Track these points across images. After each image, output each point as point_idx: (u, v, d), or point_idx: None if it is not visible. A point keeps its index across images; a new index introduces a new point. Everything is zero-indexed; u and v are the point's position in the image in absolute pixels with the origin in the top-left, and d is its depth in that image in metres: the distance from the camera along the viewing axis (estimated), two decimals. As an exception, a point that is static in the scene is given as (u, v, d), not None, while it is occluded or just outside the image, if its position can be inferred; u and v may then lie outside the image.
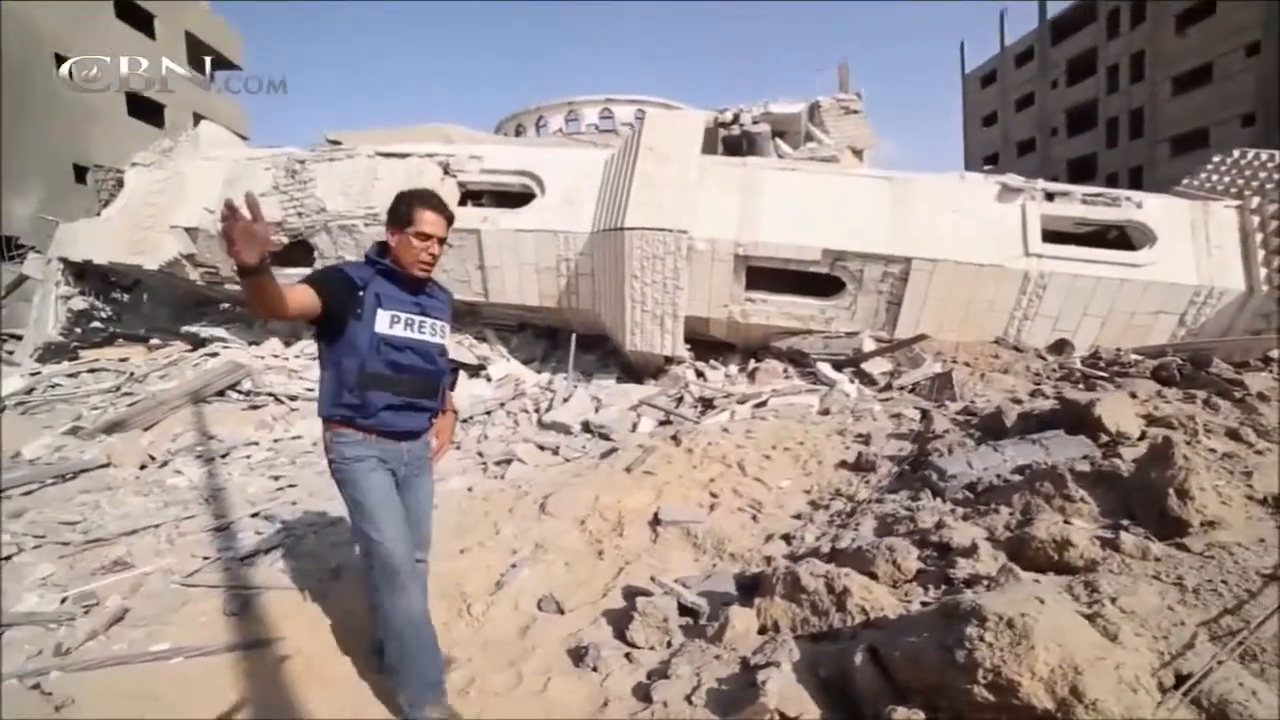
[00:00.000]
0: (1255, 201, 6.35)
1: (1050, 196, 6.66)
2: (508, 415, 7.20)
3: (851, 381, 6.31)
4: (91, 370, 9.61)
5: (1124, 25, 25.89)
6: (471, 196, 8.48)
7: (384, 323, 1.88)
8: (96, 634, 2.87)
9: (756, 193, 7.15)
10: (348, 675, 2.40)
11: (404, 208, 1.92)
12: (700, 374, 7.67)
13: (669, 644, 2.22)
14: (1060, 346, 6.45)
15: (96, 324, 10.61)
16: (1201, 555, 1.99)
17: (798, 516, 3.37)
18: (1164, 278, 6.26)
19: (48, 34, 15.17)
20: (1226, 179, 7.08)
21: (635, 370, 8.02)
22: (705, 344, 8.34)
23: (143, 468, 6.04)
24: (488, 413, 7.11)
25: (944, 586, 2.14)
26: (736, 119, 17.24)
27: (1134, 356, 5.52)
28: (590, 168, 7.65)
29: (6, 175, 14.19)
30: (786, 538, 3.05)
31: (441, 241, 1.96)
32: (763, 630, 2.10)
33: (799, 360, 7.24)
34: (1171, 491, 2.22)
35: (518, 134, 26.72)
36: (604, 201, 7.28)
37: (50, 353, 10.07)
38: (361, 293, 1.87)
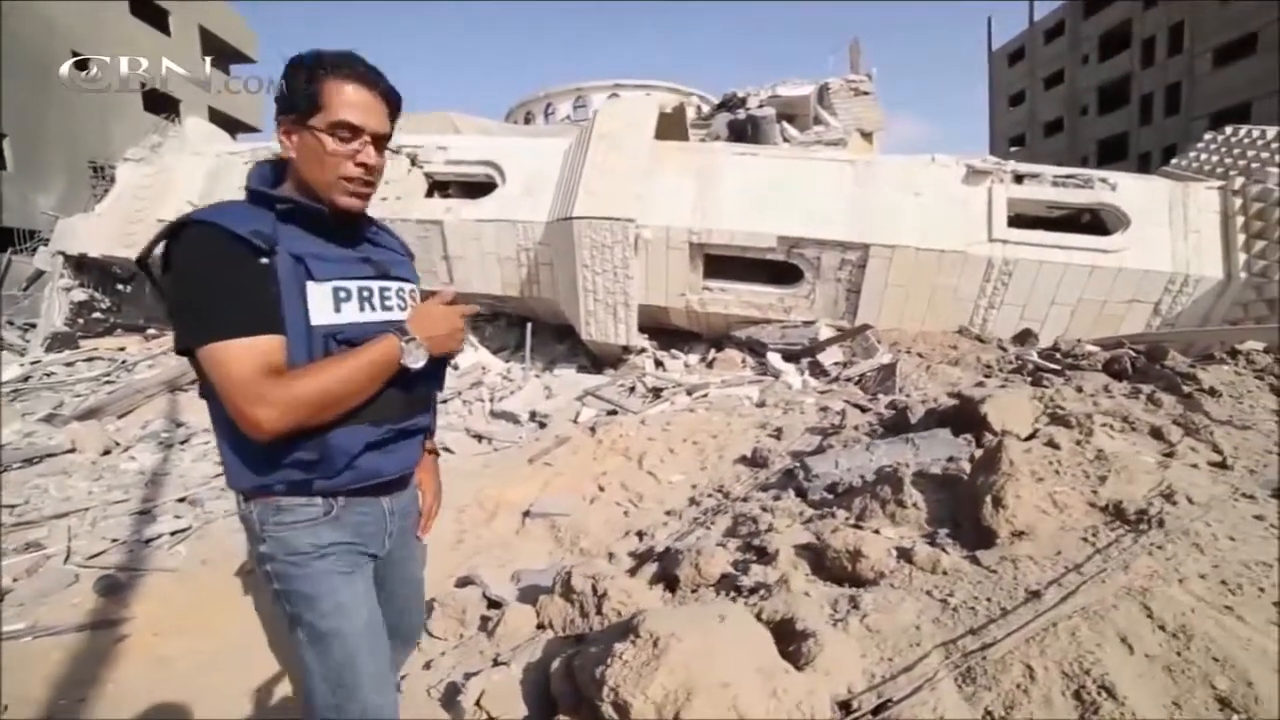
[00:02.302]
0: (1238, 182, 5.91)
1: (1020, 179, 6.32)
2: (464, 404, 7.25)
3: (800, 372, 6.15)
4: (88, 359, 10.02)
5: (1162, -6, 24.40)
6: (439, 187, 8.49)
7: (323, 305, 1.01)
8: None
9: (715, 179, 6.97)
10: (182, 654, 2.45)
11: (303, 83, 1.00)
12: (660, 363, 7.58)
13: (460, 635, 2.20)
14: (1024, 337, 6.16)
15: (97, 314, 11.01)
16: (987, 569, 1.87)
17: (670, 512, 3.31)
18: (1136, 264, 5.89)
19: (65, 30, 15.66)
20: (1215, 158, 6.61)
21: (599, 359, 7.97)
22: (671, 333, 8.24)
23: (106, 453, 6.27)
24: (444, 401, 7.17)
25: (731, 593, 2.05)
26: (743, 102, 16.89)
27: (1089, 348, 5.24)
28: (550, 157, 7.58)
29: (29, 170, 14.80)
30: (640, 534, 2.99)
31: (381, 143, 1.06)
32: (540, 627, 2.05)
33: (758, 350, 7.09)
34: (988, 499, 2.09)
35: (527, 121, 26.71)
36: (560, 190, 7.21)
37: (57, 342, 10.51)
38: (266, 260, 0.96)
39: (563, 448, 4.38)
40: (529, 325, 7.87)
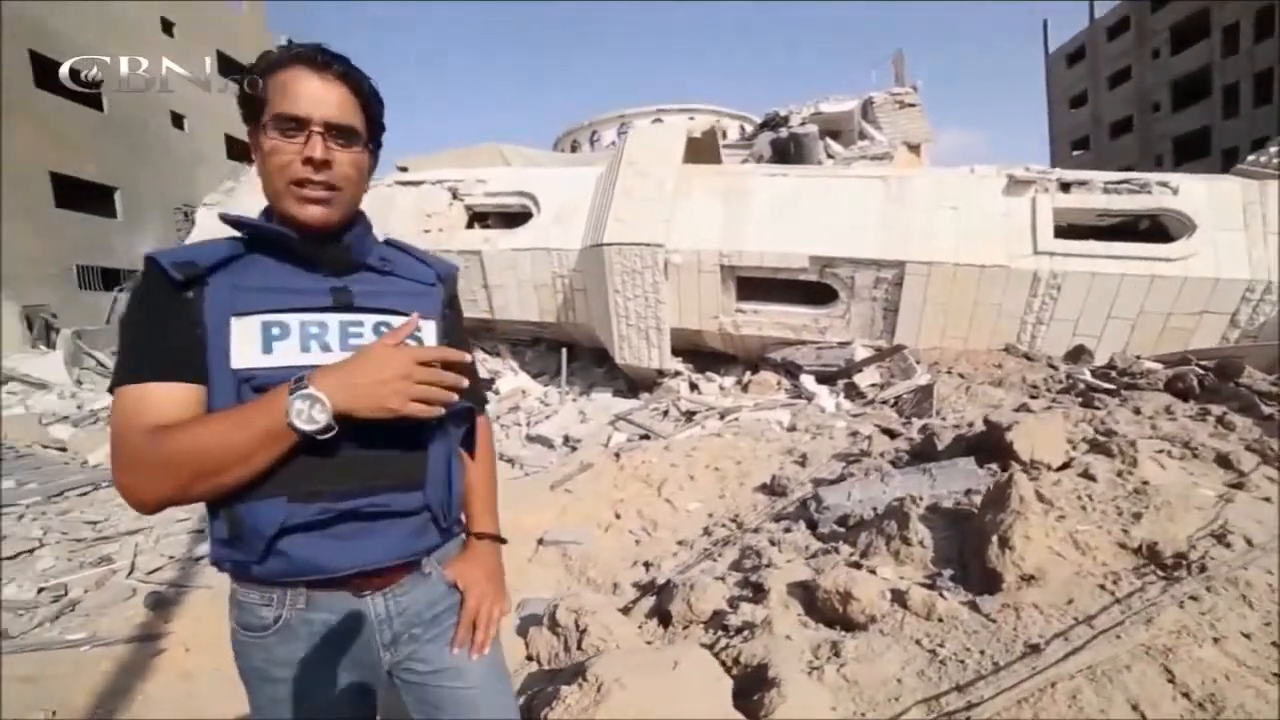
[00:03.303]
0: (1325, 179, 5.37)
1: (1066, 187, 5.97)
2: (501, 428, 7.42)
3: (834, 395, 5.96)
4: (168, 387, 10.90)
5: (1245, -23, 22.72)
6: (479, 218, 8.83)
7: (248, 343, 0.81)
8: (44, 621, 3.34)
9: (744, 201, 6.95)
10: (205, 670, 2.60)
11: (257, 78, 0.84)
12: (694, 386, 7.53)
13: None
14: (1077, 354, 5.75)
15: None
16: (986, 617, 1.73)
17: (682, 542, 3.26)
18: (1204, 272, 5.42)
19: (162, 94, 17.40)
20: (1296, 154, 6.03)
21: (635, 383, 8.00)
22: (708, 355, 8.19)
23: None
24: (481, 426, 7.36)
25: (718, 632, 1.99)
26: (785, 121, 16.83)
27: (1150, 365, 4.84)
28: (583, 185, 7.76)
29: (133, 217, 16.41)
30: (647, 565, 2.95)
31: (345, 139, 0.84)
32: (529, 659, 2.05)
33: (794, 371, 6.93)
34: (994, 539, 1.94)
35: (573, 149, 27.45)
36: (592, 217, 7.35)
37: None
38: (190, 294, 0.81)
39: (585, 474, 4.40)
40: (563, 350, 7.99)
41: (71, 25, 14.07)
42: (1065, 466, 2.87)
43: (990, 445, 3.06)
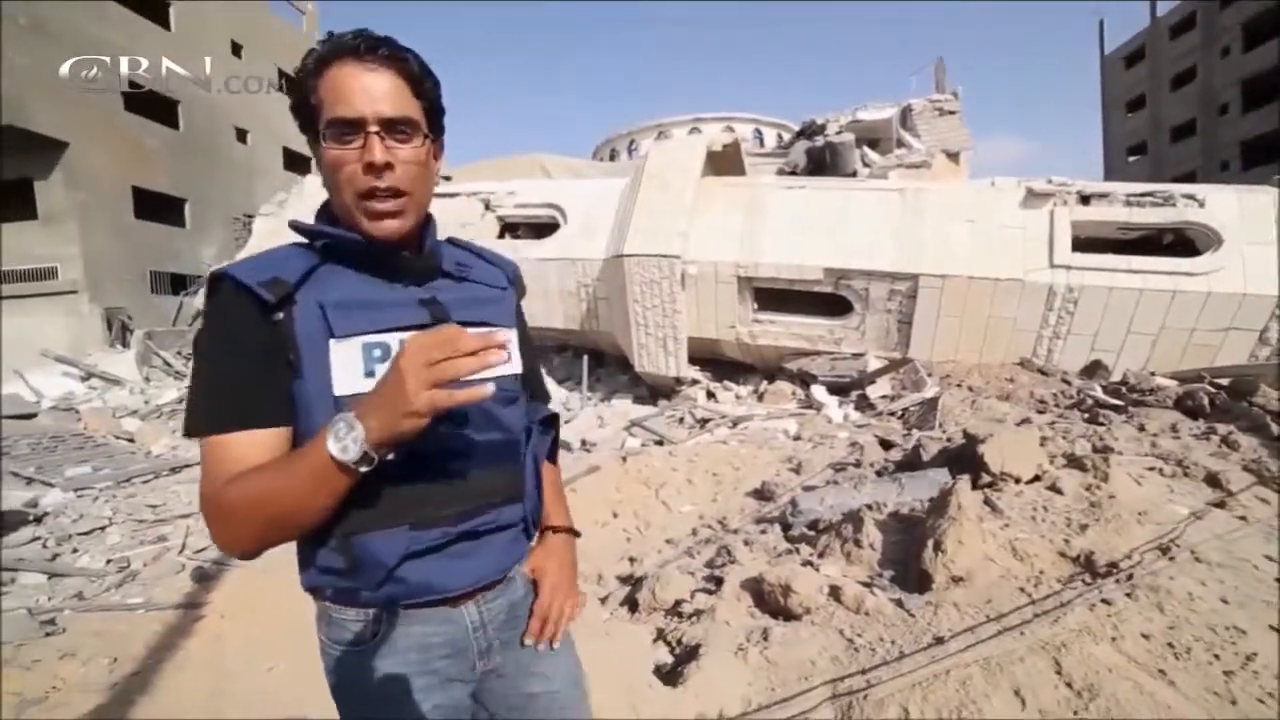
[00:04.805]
0: (1363, 193, 5.15)
1: (1086, 199, 5.90)
2: (523, 431, 7.74)
3: (842, 405, 6.05)
4: (226, 385, 11.75)
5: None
6: (509, 229, 9.25)
7: (350, 368, 0.77)
8: (110, 588, 3.87)
9: (762, 213, 7.11)
10: (235, 633, 2.99)
11: (305, 87, 0.78)
12: (712, 395, 7.71)
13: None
14: (1093, 369, 5.67)
15: (236, 346, 12.92)
16: (908, 613, 1.90)
17: (669, 541, 3.47)
18: (1229, 287, 5.28)
19: (227, 111, 18.74)
20: (1337, 166, 5.79)
21: (655, 390, 8.24)
22: (728, 365, 8.35)
23: (228, 466, 7.40)
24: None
25: (675, 618, 2.21)
26: (822, 129, 16.81)
27: (1161, 382, 4.77)
28: (608, 197, 8.06)
29: (199, 226, 17.72)
30: (632, 559, 3.18)
31: (402, 130, 0.78)
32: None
33: (809, 381, 7.03)
34: (930, 543, 2.10)
35: (611, 158, 27.95)
36: (615, 229, 7.64)
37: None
38: (280, 314, 0.76)
39: (591, 475, 4.65)
40: (585, 357, 8.29)
41: (153, 50, 15.32)
42: (1036, 479, 2.95)
43: (967, 457, 3.16)
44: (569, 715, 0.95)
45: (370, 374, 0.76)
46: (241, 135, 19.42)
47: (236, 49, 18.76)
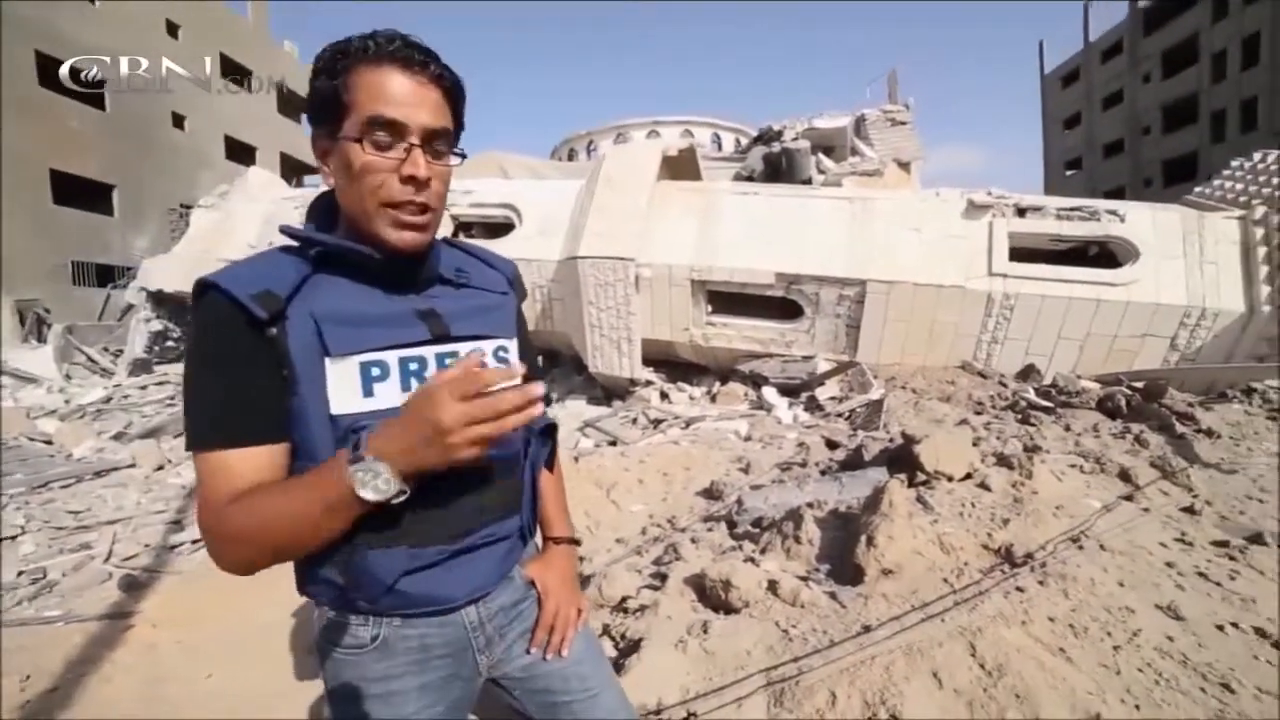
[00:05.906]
0: (1260, 211, 5.63)
1: (1022, 212, 6.24)
2: (477, 432, 7.62)
3: (791, 407, 6.21)
4: (159, 383, 11.10)
5: (1234, 5, 23.18)
6: (464, 228, 9.09)
7: (347, 386, 0.76)
8: (22, 601, 3.61)
9: (716, 218, 7.22)
10: (169, 643, 2.84)
11: (325, 79, 0.75)
12: (665, 396, 7.77)
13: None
14: (1027, 373, 6.00)
15: (170, 343, 12.17)
16: (841, 604, 1.97)
17: (619, 540, 3.48)
18: (1145, 297, 5.68)
19: (162, 95, 17.76)
20: (1239, 186, 6.31)
21: (610, 391, 8.24)
22: (682, 366, 8.43)
23: (159, 469, 6.99)
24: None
25: (620, 614, 2.23)
26: (779, 135, 17.14)
27: (1085, 385, 5.09)
28: (563, 199, 8.03)
29: (130, 215, 16.70)
30: (581, 558, 3.18)
31: (439, 147, 0.77)
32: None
33: (760, 383, 7.18)
34: (863, 538, 2.18)
35: (570, 159, 27.84)
36: (570, 231, 7.62)
37: (137, 368, 11.71)
38: (274, 330, 0.73)
39: (543, 476, 4.63)
40: (538, 358, 8.23)
41: (76, 25, 14.39)
42: (968, 477, 3.11)
43: (905, 457, 3.30)
44: (618, 714, 0.98)
45: (369, 394, 0.75)
46: (179, 121, 18.46)
47: (173, 29, 17.81)
